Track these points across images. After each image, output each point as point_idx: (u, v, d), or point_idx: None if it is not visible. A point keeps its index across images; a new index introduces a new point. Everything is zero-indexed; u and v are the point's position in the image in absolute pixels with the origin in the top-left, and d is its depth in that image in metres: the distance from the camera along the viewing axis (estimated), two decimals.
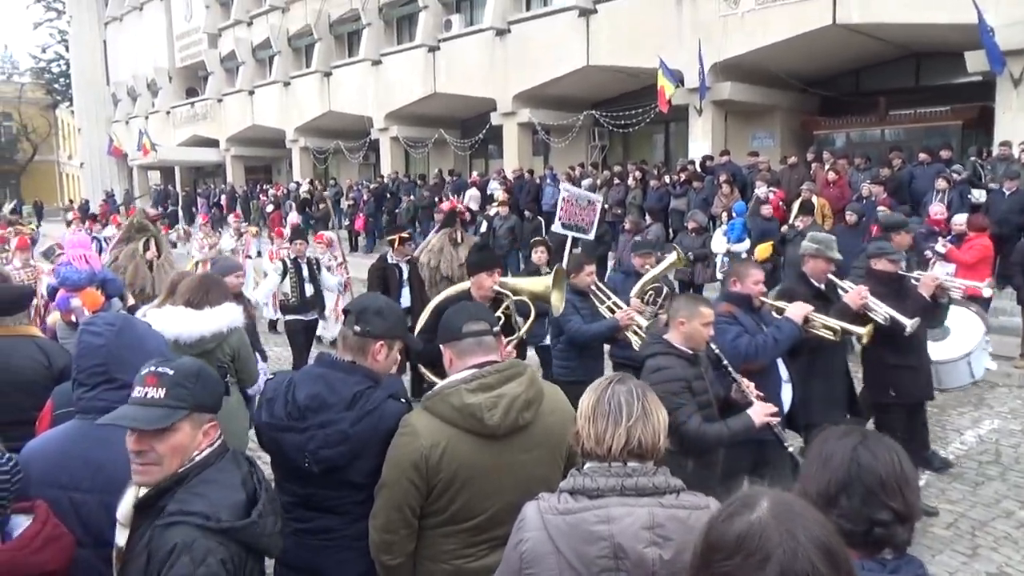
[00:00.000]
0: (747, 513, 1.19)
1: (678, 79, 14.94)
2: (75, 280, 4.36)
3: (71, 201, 36.25)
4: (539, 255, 6.92)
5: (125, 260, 7.44)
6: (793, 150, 15.10)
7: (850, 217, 9.28)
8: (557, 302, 4.29)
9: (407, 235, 7.79)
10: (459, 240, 8.70)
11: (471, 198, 17.35)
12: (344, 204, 21.40)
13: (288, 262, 7.75)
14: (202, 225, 12.96)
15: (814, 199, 10.48)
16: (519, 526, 1.84)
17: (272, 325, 11.36)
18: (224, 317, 3.85)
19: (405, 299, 7.39)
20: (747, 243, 10.24)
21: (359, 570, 2.33)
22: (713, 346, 3.60)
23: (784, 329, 4.08)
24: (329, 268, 10.32)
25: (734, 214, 10.83)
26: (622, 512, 1.73)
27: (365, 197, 20.58)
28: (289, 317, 7.86)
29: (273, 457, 2.39)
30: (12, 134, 49.57)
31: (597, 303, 5.35)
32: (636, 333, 5.05)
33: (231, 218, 16.18)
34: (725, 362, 3.66)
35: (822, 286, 4.88)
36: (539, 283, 4.42)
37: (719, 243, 10.41)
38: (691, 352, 3.43)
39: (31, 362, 3.43)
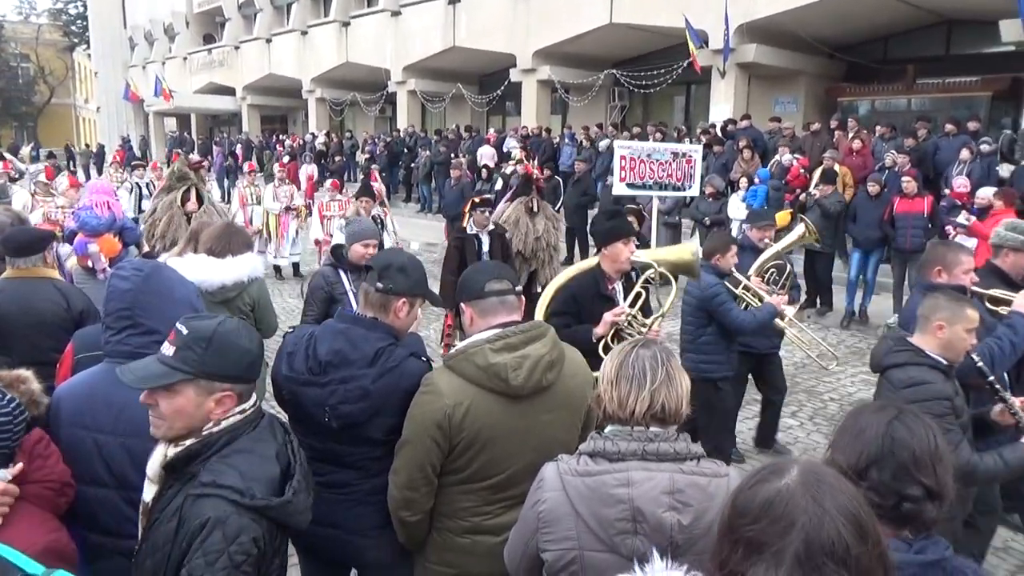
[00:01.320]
0: (775, 480, 1.19)
1: (702, 39, 14.64)
2: (94, 226, 4.37)
3: (87, 145, 36.27)
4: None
5: (162, 211, 7.14)
6: (816, 117, 14.83)
7: (872, 187, 9.14)
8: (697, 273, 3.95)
9: (483, 199, 7.06)
10: (535, 209, 7.83)
11: (487, 155, 17.22)
12: (360, 157, 21.29)
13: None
14: (279, 174, 12.10)
15: (836, 167, 10.32)
16: (538, 486, 1.85)
17: (277, 270, 11.60)
18: (245, 266, 3.86)
19: None
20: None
21: (374, 523, 2.35)
22: (976, 357, 2.93)
23: (1020, 328, 3.38)
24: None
25: (757, 180, 10.68)
26: (642, 476, 1.74)
27: (379, 150, 20.45)
28: None
29: (291, 412, 2.39)
30: (30, 76, 49.42)
31: (731, 286, 4.79)
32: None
33: (245, 167, 15.95)
34: (991, 376, 2.99)
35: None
36: (683, 251, 3.97)
37: (737, 208, 10.30)
38: (947, 363, 2.83)
39: (50, 304, 3.48)
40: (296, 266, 11.87)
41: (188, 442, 1.79)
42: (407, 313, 2.39)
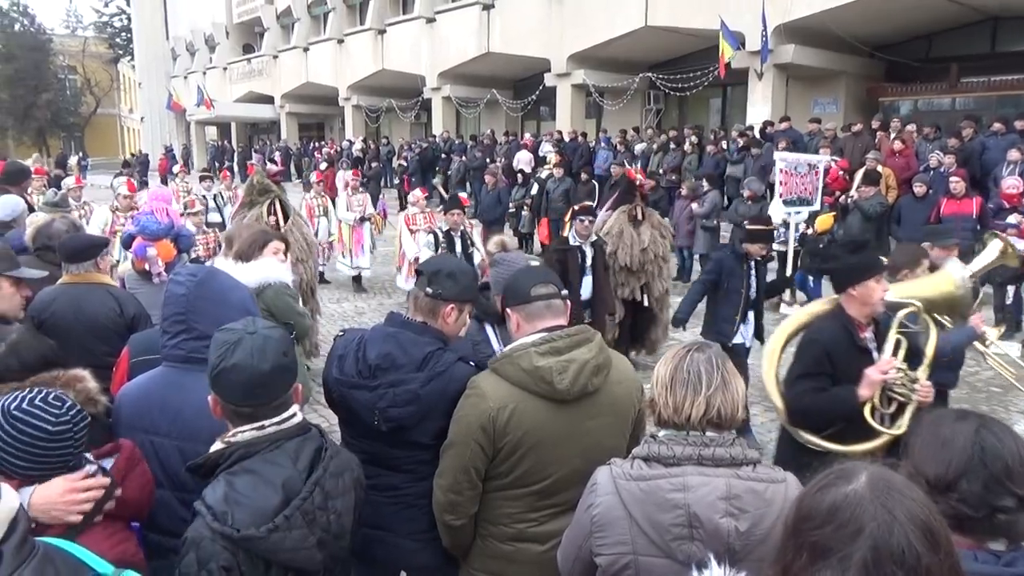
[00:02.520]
0: (843, 485, 1.17)
1: (739, 41, 14.50)
2: (154, 230, 4.47)
3: (133, 154, 37.16)
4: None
5: (249, 226, 6.59)
6: (857, 117, 14.57)
7: (918, 188, 8.96)
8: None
9: (584, 207, 6.47)
10: (640, 218, 7.09)
11: (521, 160, 17.24)
12: (396, 163, 21.49)
13: (441, 234, 6.86)
14: (350, 182, 11.57)
15: (879, 168, 10.13)
16: (590, 490, 1.84)
17: (356, 281, 11.14)
18: (258, 273, 3.83)
19: (586, 288, 6.30)
20: (805, 213, 9.99)
21: (423, 527, 2.36)
22: None
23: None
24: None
25: None
26: (699, 481, 1.72)
27: (410, 157, 20.61)
28: None
29: (341, 414, 2.41)
30: (76, 88, 50.83)
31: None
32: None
33: (313, 176, 15.16)
34: None
35: None
36: (943, 283, 3.39)
37: (777, 212, 10.16)
38: None
39: (104, 309, 3.56)
40: (358, 279, 11.32)
41: (212, 449, 1.80)
42: (456, 319, 2.40)
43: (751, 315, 5.77)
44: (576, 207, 6.53)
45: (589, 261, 6.36)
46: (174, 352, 2.24)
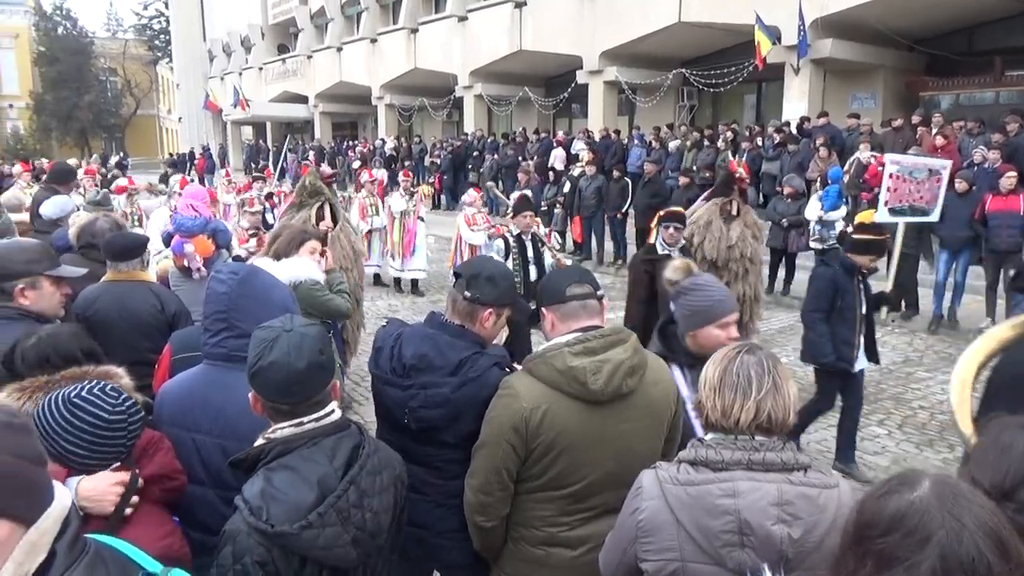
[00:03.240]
0: (907, 491, 1.14)
1: (775, 35, 14.29)
2: (189, 227, 4.52)
3: (171, 154, 37.90)
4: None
5: None
6: (896, 112, 14.27)
7: (960, 185, 8.71)
8: None
9: (671, 212, 5.97)
10: (734, 213, 6.70)
11: (556, 158, 17.21)
12: (428, 161, 21.60)
13: (511, 239, 6.32)
14: (367, 183, 11.11)
15: None
16: (635, 494, 1.80)
17: (397, 283, 10.97)
18: (287, 271, 3.79)
19: None
20: (843, 211, 9.81)
21: (456, 526, 2.35)
22: None
23: None
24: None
25: (829, 180, 10.35)
26: (749, 487, 1.67)
27: (443, 155, 20.69)
28: None
29: (376, 407, 2.44)
30: (117, 89, 51.94)
31: None
32: None
33: (365, 176, 13.21)
34: None
35: None
36: None
37: (812, 210, 10.01)
38: None
39: (146, 306, 3.62)
40: (415, 283, 10.86)
41: (255, 445, 1.82)
42: (493, 323, 2.39)
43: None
44: (663, 212, 6.02)
45: None
46: (216, 350, 2.25)
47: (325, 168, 7.81)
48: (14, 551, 1.20)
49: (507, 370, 2.37)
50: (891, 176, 6.73)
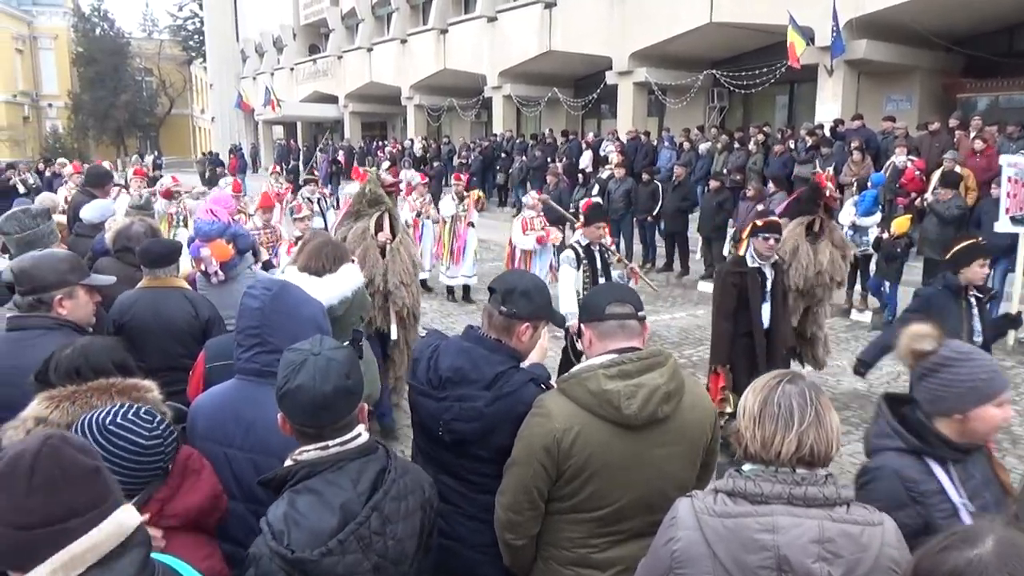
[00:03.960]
0: (967, 548, 1.11)
1: (808, 36, 14.09)
2: (206, 231, 4.57)
3: (204, 153, 38.43)
4: None
5: (354, 242, 5.41)
6: (932, 115, 13.97)
7: (997, 191, 8.54)
8: None
9: (769, 223, 5.39)
10: (820, 232, 6.10)
11: (588, 160, 17.15)
12: (457, 162, 21.65)
13: (580, 249, 5.73)
14: (419, 185, 10.66)
15: (958, 169, 9.70)
16: (670, 523, 1.76)
17: (450, 291, 10.65)
18: (346, 281, 3.72)
19: (765, 315, 5.36)
20: (877, 216, 9.64)
21: (486, 540, 2.35)
22: None
23: None
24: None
25: (869, 184, 10.17)
26: (789, 522, 1.62)
27: (472, 156, 20.74)
28: None
29: (413, 416, 2.47)
30: (152, 89, 52.87)
31: None
32: None
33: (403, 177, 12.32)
34: None
35: None
36: None
37: (846, 214, 9.85)
38: None
39: (181, 312, 3.67)
40: (467, 289, 10.44)
41: (284, 466, 1.82)
42: (530, 336, 2.39)
43: None
44: (759, 222, 5.45)
45: (769, 285, 5.40)
46: (248, 365, 2.27)
47: (386, 175, 7.40)
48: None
49: (543, 387, 2.35)
50: (1011, 180, 6.05)
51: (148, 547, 1.36)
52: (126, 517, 1.34)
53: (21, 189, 14.30)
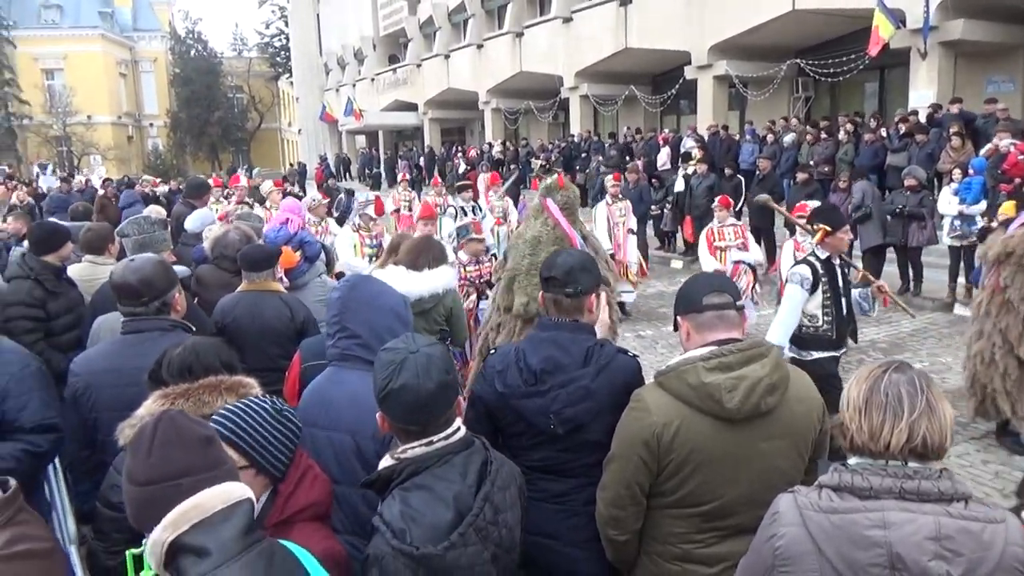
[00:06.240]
0: None
1: (898, 19, 13.45)
2: (272, 239, 4.76)
3: (292, 164, 39.93)
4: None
5: None
6: None
7: None
8: None
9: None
10: None
11: (664, 157, 16.92)
12: (535, 164, 21.73)
13: (819, 265, 4.46)
14: (614, 188, 9.55)
15: None
16: (773, 520, 1.69)
17: (621, 307, 9.09)
18: (441, 278, 4.04)
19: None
20: (983, 204, 9.13)
21: (589, 535, 2.32)
22: None
23: None
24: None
25: (972, 171, 9.62)
26: (902, 518, 1.54)
27: (553, 157, 20.75)
28: (818, 355, 4.48)
29: (506, 427, 2.40)
30: (243, 105, 55.37)
31: None
32: None
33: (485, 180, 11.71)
34: None
35: None
36: None
37: (948, 204, 9.36)
38: None
39: (277, 314, 3.82)
40: (622, 306, 9.09)
41: (381, 466, 1.84)
42: (596, 306, 2.45)
43: None
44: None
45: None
46: (333, 351, 2.45)
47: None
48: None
49: (632, 356, 2.40)
50: None
51: (251, 519, 1.44)
52: (235, 488, 1.46)
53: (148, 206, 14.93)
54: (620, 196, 9.65)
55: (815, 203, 6.51)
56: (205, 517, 1.38)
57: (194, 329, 3.19)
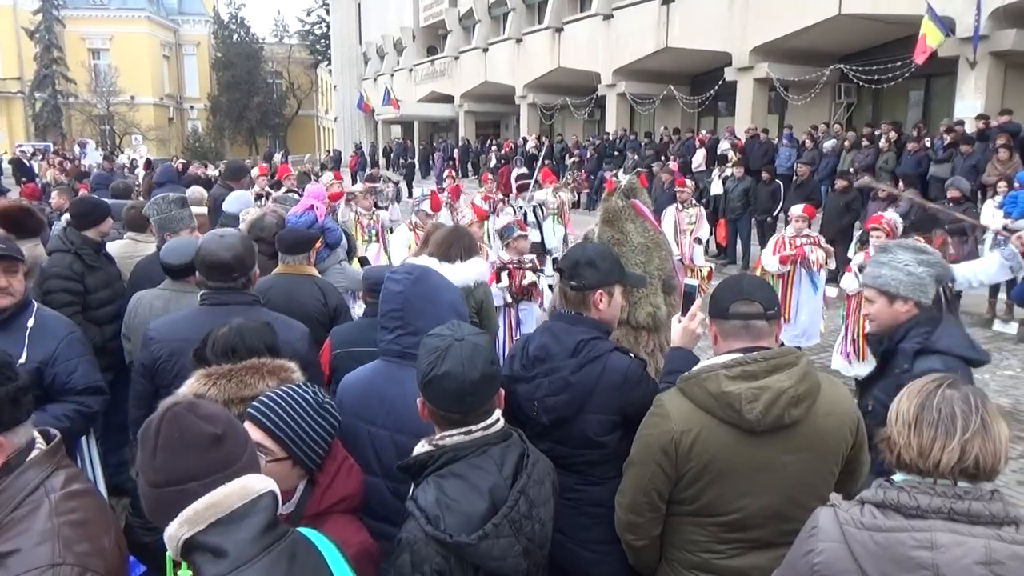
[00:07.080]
0: None
1: (948, 27, 13.14)
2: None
3: (328, 152, 40.27)
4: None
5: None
6: None
7: None
8: None
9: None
10: None
11: (699, 159, 16.77)
12: (568, 161, 21.66)
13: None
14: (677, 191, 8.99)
15: None
16: (810, 534, 1.64)
17: None
18: (472, 270, 4.04)
19: None
20: None
21: (597, 537, 2.32)
22: None
23: None
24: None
25: (1016, 184, 9.39)
26: (950, 540, 1.49)
27: (588, 155, 20.66)
28: None
29: (514, 413, 2.39)
30: (282, 91, 55.92)
31: None
32: None
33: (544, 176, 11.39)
34: None
35: None
36: None
37: (992, 216, 9.13)
38: None
39: (311, 299, 3.84)
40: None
41: (416, 451, 1.83)
42: (608, 304, 2.41)
43: None
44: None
45: None
46: (391, 347, 2.33)
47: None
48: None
49: (631, 356, 2.35)
50: None
51: (273, 514, 1.42)
52: (254, 482, 1.42)
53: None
54: (692, 203, 9.06)
55: (893, 215, 6.38)
56: (223, 515, 1.36)
57: (263, 301, 3.16)
